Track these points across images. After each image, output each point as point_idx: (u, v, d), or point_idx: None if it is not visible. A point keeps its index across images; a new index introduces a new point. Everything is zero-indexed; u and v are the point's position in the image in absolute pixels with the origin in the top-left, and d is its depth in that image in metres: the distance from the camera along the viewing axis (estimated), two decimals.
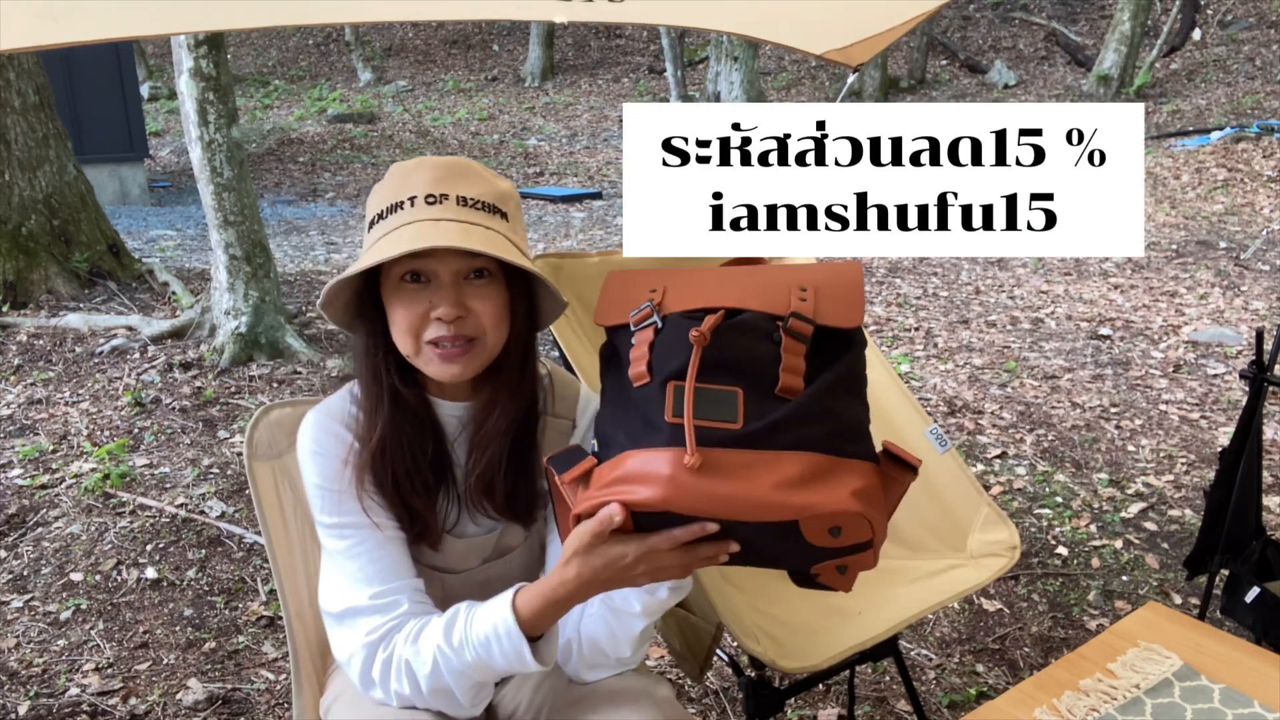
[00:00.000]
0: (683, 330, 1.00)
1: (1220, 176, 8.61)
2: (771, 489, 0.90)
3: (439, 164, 1.13)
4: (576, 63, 17.65)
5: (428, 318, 1.10)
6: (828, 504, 0.91)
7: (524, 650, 1.04)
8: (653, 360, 1.00)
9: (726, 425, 0.93)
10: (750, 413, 0.95)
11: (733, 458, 0.92)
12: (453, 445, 1.22)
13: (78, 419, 3.87)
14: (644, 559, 0.95)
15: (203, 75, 4.25)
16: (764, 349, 1.00)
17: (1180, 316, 5.30)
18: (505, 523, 1.23)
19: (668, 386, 0.96)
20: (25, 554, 2.91)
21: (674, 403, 0.95)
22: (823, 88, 15.06)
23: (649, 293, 1.09)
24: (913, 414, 1.93)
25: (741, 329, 1.01)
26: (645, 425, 0.96)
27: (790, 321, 1.01)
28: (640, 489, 0.91)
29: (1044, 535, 3.01)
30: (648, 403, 0.97)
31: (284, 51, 18.81)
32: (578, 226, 8.54)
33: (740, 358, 0.98)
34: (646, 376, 0.99)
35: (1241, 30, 13.88)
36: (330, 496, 1.15)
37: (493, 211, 1.13)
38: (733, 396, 0.96)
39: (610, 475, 0.94)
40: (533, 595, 1.04)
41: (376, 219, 1.13)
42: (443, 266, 1.10)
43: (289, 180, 11.33)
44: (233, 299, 4.53)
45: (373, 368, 1.17)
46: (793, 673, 1.56)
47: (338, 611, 1.14)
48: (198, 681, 2.35)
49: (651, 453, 0.92)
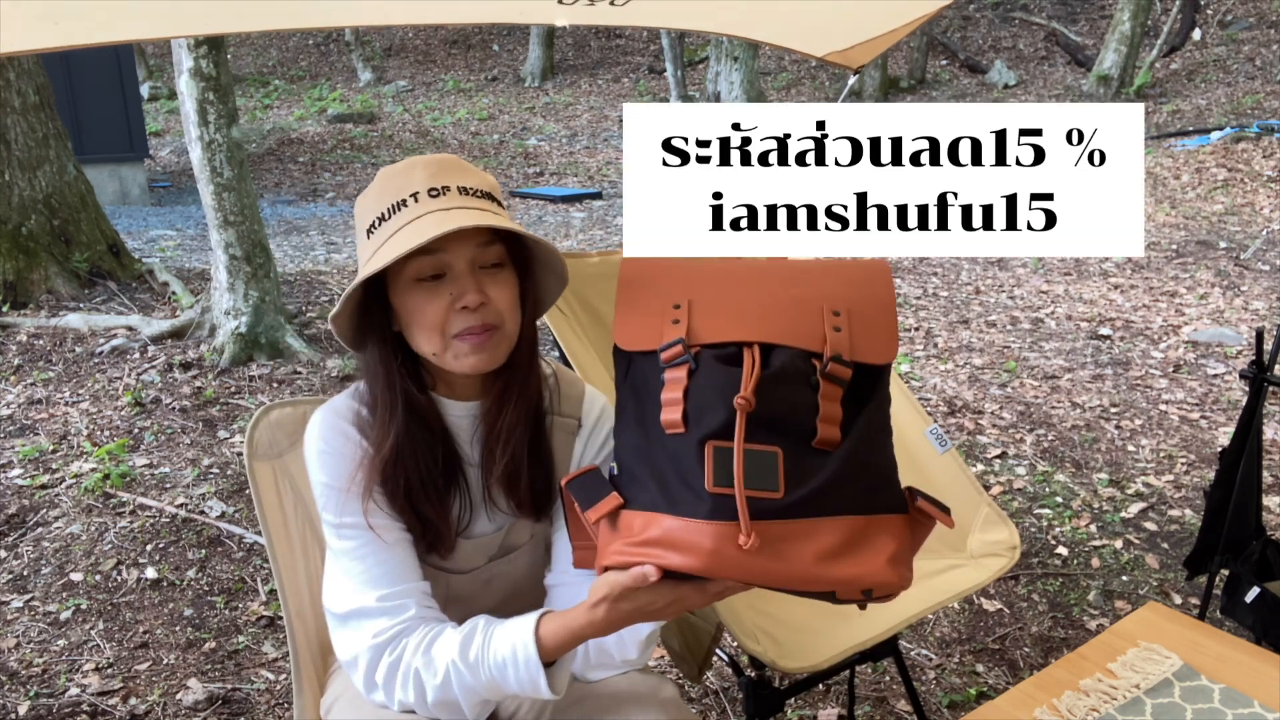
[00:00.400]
0: (719, 380, 0.96)
1: (1220, 176, 8.61)
2: (811, 564, 0.91)
3: (431, 161, 1.13)
4: (576, 63, 17.65)
5: (451, 311, 1.10)
6: (865, 577, 0.92)
7: (540, 680, 1.04)
8: (688, 409, 0.95)
9: (769, 495, 0.91)
10: (790, 475, 0.92)
11: (773, 529, 0.90)
12: (465, 445, 1.21)
13: (78, 419, 3.87)
14: (673, 604, 0.97)
15: (203, 75, 4.25)
16: (803, 398, 0.97)
17: (1180, 316, 5.30)
18: (517, 518, 1.23)
19: (706, 447, 0.92)
20: (25, 554, 2.91)
21: (714, 470, 0.91)
22: (823, 88, 15.06)
23: (673, 309, 1.04)
24: (913, 414, 1.93)
25: (781, 379, 0.96)
26: (682, 485, 0.93)
27: (829, 366, 0.98)
28: (677, 557, 0.90)
29: (1044, 535, 3.01)
30: (682, 459, 0.93)
31: (284, 51, 18.81)
32: (578, 226, 8.54)
33: (780, 411, 0.95)
34: (681, 427, 0.95)
35: (1241, 30, 13.88)
36: (338, 496, 1.15)
37: (490, 199, 1.14)
38: (773, 459, 0.92)
39: (643, 534, 0.92)
40: (557, 628, 1.03)
41: (377, 222, 1.12)
42: (458, 258, 1.10)
43: (289, 180, 11.33)
44: (233, 299, 4.53)
45: (387, 377, 1.15)
46: (793, 673, 1.56)
47: (343, 612, 1.13)
48: (198, 681, 2.35)
49: (692, 523, 0.90)
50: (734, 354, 0.98)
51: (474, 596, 1.25)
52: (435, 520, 1.17)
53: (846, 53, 1.96)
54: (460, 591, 1.24)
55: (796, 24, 1.87)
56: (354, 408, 1.19)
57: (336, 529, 1.15)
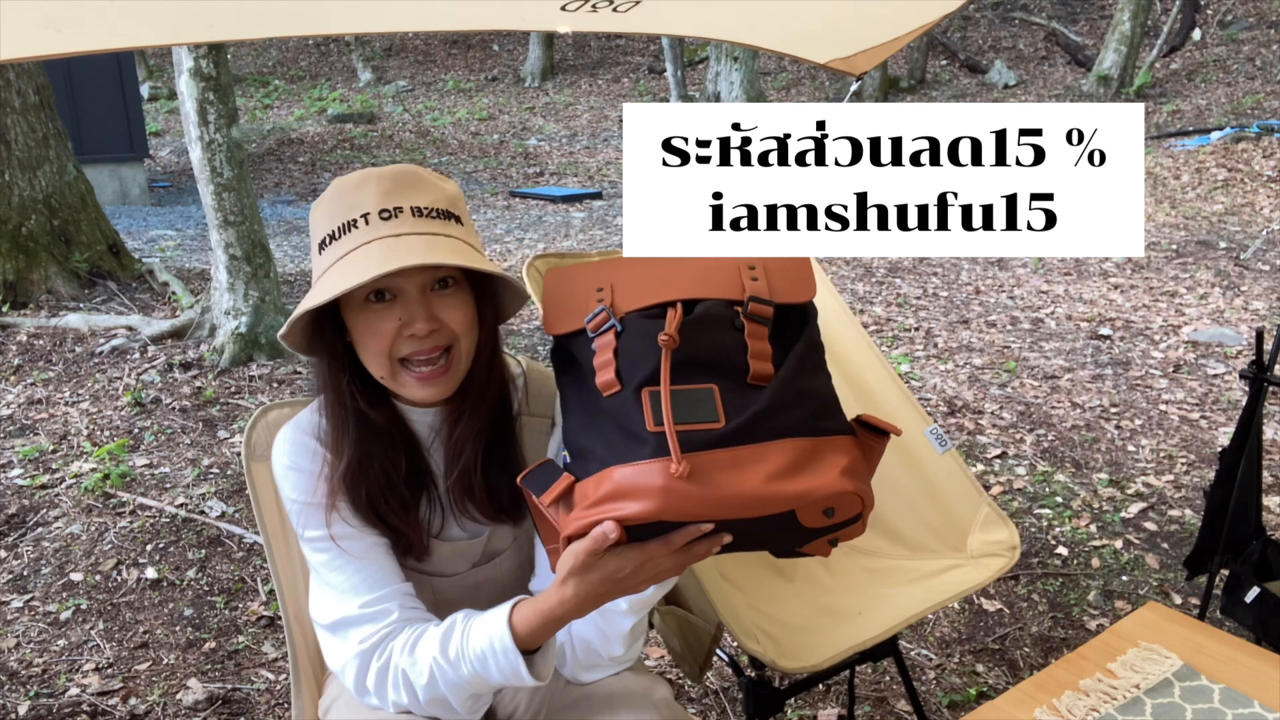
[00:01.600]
0: (645, 331, 0.99)
1: (1220, 176, 8.61)
2: (764, 483, 0.90)
3: (386, 175, 1.10)
4: (576, 63, 17.64)
5: (400, 335, 1.08)
6: (821, 488, 0.91)
7: (520, 667, 1.03)
8: (620, 367, 0.98)
9: (709, 426, 0.92)
10: (729, 408, 0.94)
11: (720, 458, 0.91)
12: (429, 451, 1.21)
13: (78, 419, 3.87)
14: (642, 568, 0.95)
15: (203, 75, 4.25)
16: (729, 338, 1.00)
17: (1180, 316, 5.29)
18: (491, 525, 1.23)
19: (642, 394, 0.95)
20: (25, 554, 2.91)
21: (654, 411, 0.93)
22: (823, 88, 15.06)
23: (596, 292, 1.07)
24: (913, 414, 1.93)
25: (704, 322, 1.00)
26: (625, 436, 0.94)
27: (750, 306, 1.02)
28: (632, 504, 0.90)
29: (1044, 535, 3.01)
30: (623, 412, 0.96)
31: (284, 51, 18.81)
32: (578, 226, 8.54)
33: (709, 353, 0.98)
34: (617, 385, 0.97)
35: (1241, 30, 13.88)
36: (309, 511, 1.15)
37: (447, 218, 1.11)
38: (709, 394, 0.95)
39: (597, 493, 0.93)
40: (530, 613, 1.02)
41: (328, 239, 1.09)
42: (409, 282, 1.08)
43: (289, 180, 11.33)
44: (233, 299, 4.54)
45: (336, 392, 1.15)
46: (793, 673, 1.56)
47: (328, 623, 1.13)
48: (198, 681, 2.35)
49: (639, 466, 0.91)
50: (658, 313, 1.02)
51: (462, 601, 1.24)
52: (403, 528, 1.17)
53: (850, 60, 1.96)
54: (447, 596, 1.23)
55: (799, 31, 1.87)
56: (316, 421, 1.18)
57: (311, 543, 1.15)
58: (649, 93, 15.64)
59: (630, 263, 1.11)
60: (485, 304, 1.16)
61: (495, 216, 9.06)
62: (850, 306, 3.39)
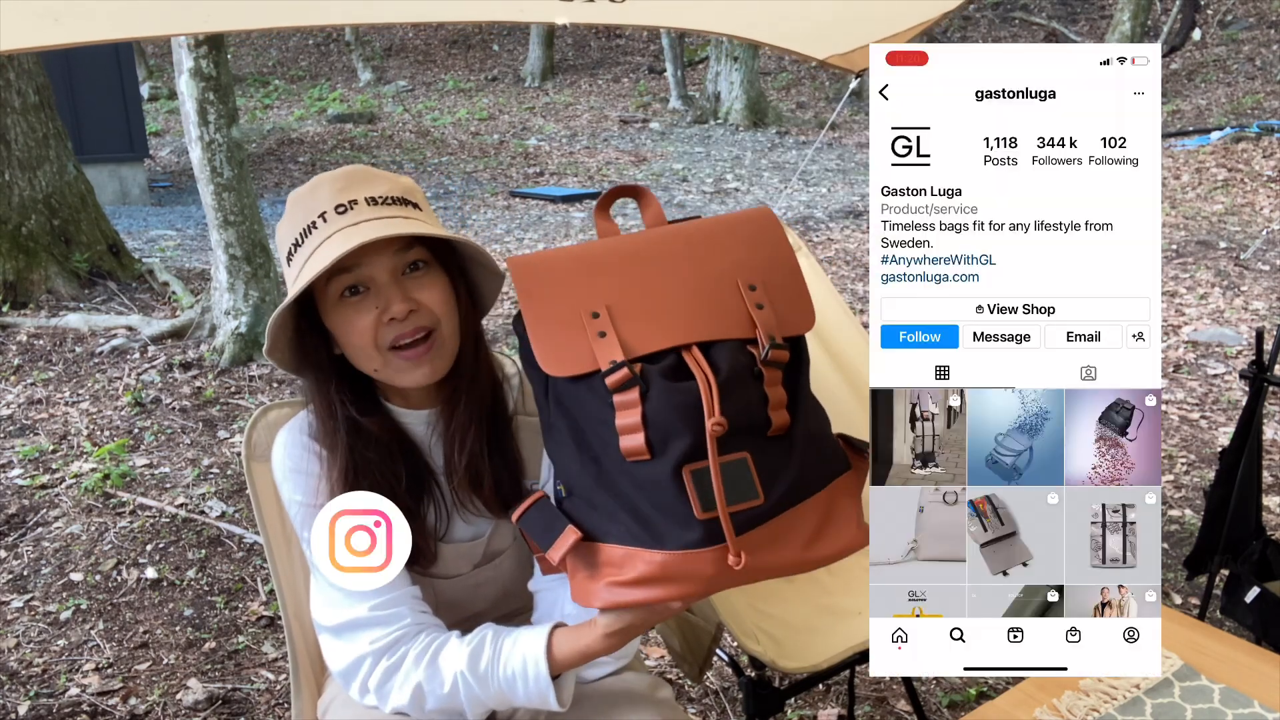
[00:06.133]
0: (676, 399, 0.91)
1: (1220, 176, 8.61)
2: (800, 553, 0.95)
3: (337, 176, 1.13)
4: (576, 63, 17.65)
5: (380, 323, 1.09)
6: (848, 548, 0.98)
7: (550, 696, 1.05)
8: (651, 437, 0.90)
9: (752, 505, 0.91)
10: (763, 476, 0.92)
11: (762, 535, 0.92)
12: (429, 452, 1.21)
13: (78, 419, 3.87)
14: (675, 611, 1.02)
15: (203, 75, 4.25)
16: (753, 393, 0.94)
17: (1180, 316, 5.29)
18: (494, 519, 1.23)
19: (684, 473, 0.90)
20: (25, 554, 2.91)
21: (699, 496, 0.89)
22: (823, 88, 15.06)
23: (591, 319, 0.95)
24: None
25: (733, 384, 0.93)
26: (662, 514, 0.90)
27: (770, 353, 0.95)
28: (682, 588, 0.92)
29: None
30: (655, 486, 0.91)
31: (284, 51, 18.81)
32: (578, 226, 8.54)
33: (738, 416, 0.92)
34: (646, 454, 0.91)
35: (1241, 30, 13.88)
36: (313, 513, 1.13)
37: (403, 204, 1.12)
38: (745, 467, 0.92)
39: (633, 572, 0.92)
40: (569, 650, 1.05)
41: (293, 248, 1.11)
42: (377, 269, 1.09)
43: (289, 180, 11.33)
44: (233, 299, 4.53)
45: (326, 403, 1.15)
46: (793, 673, 1.56)
47: (335, 625, 1.13)
48: (198, 681, 2.35)
49: (689, 554, 0.90)
50: (677, 363, 0.94)
51: (464, 601, 1.24)
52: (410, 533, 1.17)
53: (848, 56, 1.96)
54: (449, 597, 1.23)
55: (797, 26, 1.87)
56: (316, 424, 1.19)
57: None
58: (649, 93, 15.64)
59: (618, 265, 0.99)
60: (459, 285, 1.16)
61: (495, 216, 9.06)
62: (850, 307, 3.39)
